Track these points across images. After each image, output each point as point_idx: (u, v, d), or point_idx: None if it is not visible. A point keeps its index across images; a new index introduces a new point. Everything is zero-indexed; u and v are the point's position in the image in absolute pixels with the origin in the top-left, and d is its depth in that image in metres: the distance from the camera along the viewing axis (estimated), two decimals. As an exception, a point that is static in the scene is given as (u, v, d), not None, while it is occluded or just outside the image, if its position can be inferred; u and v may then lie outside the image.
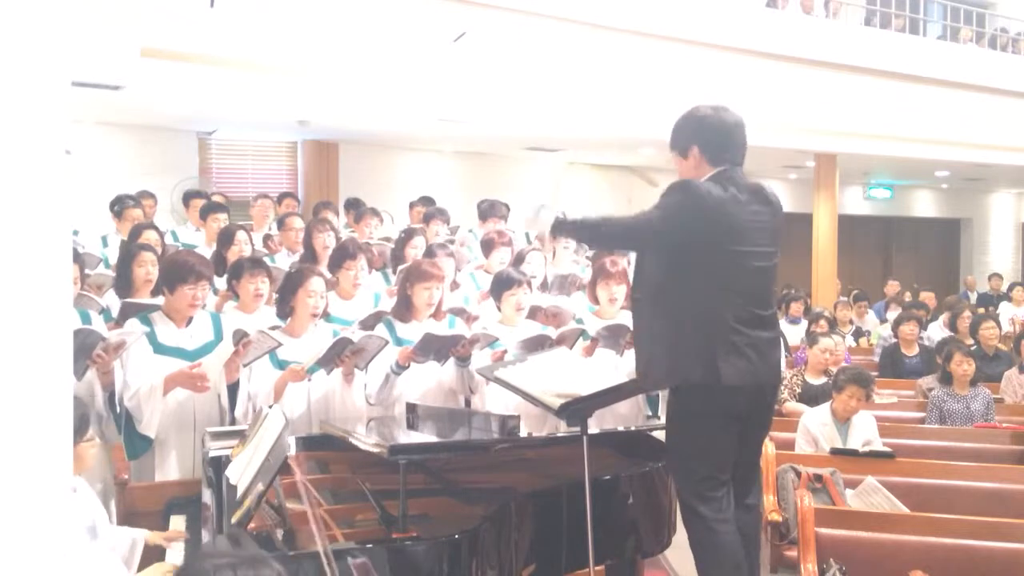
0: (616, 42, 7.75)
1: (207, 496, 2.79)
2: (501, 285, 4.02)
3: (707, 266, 2.68)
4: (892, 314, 8.40)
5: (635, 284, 2.94)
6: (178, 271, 3.50)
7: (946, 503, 3.88)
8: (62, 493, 1.29)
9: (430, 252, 4.74)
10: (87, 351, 3.19)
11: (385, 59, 6.96)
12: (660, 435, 3.10)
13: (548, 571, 2.78)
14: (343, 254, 4.34)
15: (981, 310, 8.62)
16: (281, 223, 5.89)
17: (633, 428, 3.58)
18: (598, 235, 2.97)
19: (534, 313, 4.31)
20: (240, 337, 3.37)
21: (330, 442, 3.13)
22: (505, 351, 3.71)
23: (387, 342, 3.56)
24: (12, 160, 1.23)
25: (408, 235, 5.31)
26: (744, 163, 2.84)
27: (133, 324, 3.47)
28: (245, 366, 3.49)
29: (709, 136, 2.80)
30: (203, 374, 3.30)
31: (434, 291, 3.84)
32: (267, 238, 5.92)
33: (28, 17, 1.24)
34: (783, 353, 2.93)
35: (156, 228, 5.16)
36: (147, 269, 4.07)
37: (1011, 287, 11.45)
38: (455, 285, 4.88)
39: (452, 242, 6.05)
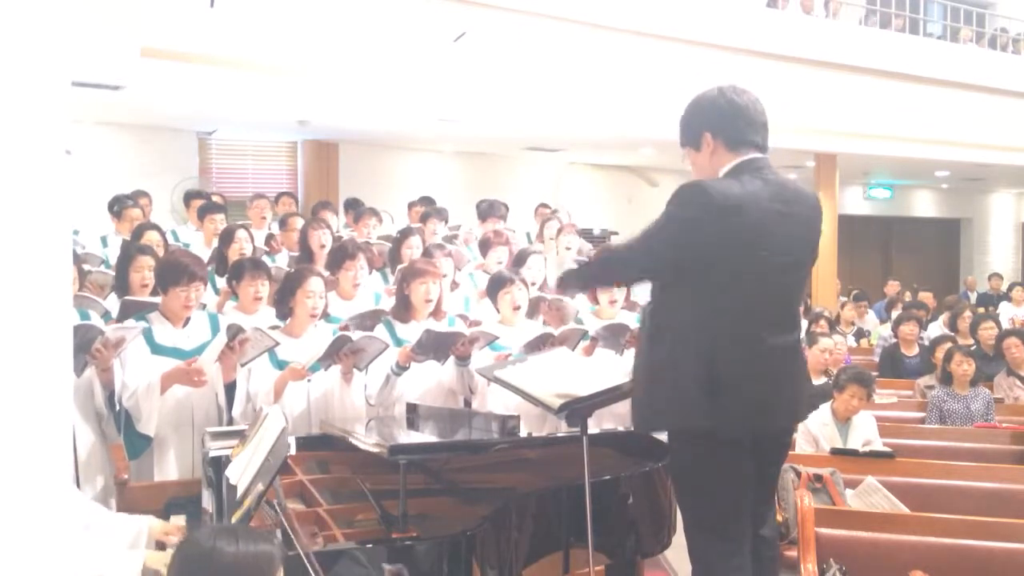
0: (616, 42, 7.75)
1: (207, 496, 2.79)
2: (495, 285, 4.02)
3: (716, 281, 2.28)
4: (896, 314, 8.37)
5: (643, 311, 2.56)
6: (171, 272, 3.49)
7: (946, 503, 3.87)
8: (62, 491, 1.29)
9: (428, 252, 4.73)
10: (86, 346, 3.18)
11: (385, 59, 6.96)
12: (660, 435, 3.09)
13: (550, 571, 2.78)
14: (342, 254, 4.33)
15: (981, 310, 8.61)
16: (283, 223, 5.90)
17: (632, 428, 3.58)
18: (604, 272, 2.80)
19: (537, 304, 4.30)
20: (235, 332, 3.36)
21: (330, 442, 3.13)
22: (509, 354, 3.70)
23: (387, 346, 3.55)
24: (12, 160, 1.23)
25: (404, 235, 5.24)
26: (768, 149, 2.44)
27: (131, 322, 3.47)
28: (243, 365, 3.49)
29: (721, 117, 2.41)
30: (199, 368, 3.30)
31: (431, 286, 3.81)
32: (270, 237, 5.92)
33: (28, 17, 1.24)
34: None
35: (159, 229, 5.14)
36: (143, 275, 4.03)
37: (1011, 287, 11.44)
38: (455, 285, 4.87)
39: (455, 238, 6.05)
